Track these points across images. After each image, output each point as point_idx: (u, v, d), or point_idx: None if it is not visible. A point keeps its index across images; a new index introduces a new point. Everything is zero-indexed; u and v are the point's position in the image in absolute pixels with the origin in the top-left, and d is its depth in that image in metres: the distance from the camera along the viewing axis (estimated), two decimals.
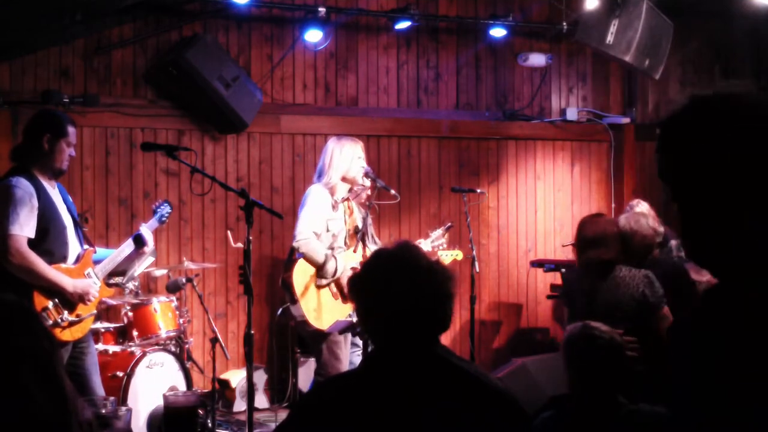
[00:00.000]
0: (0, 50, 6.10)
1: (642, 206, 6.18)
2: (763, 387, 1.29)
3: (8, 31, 5.75)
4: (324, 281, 5.01)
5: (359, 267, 5.04)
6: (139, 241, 4.63)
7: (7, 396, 1.44)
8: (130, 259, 4.78)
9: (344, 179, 5.11)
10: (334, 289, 5.07)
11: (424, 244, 5.54)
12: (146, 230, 4.67)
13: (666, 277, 4.61)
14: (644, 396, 3.22)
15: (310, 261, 4.95)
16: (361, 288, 2.27)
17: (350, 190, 5.19)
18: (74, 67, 6.56)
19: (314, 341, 5.06)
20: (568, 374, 3.14)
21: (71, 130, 4.37)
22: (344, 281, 5.00)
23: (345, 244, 5.14)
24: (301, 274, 4.98)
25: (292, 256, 5.05)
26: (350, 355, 5.45)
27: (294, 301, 4.96)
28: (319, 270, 4.98)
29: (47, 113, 4.63)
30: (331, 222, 5.05)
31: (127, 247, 4.63)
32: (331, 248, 5.05)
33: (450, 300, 2.23)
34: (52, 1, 5.57)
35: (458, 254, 5.82)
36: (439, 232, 5.66)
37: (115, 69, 6.68)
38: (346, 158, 5.09)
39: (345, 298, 5.09)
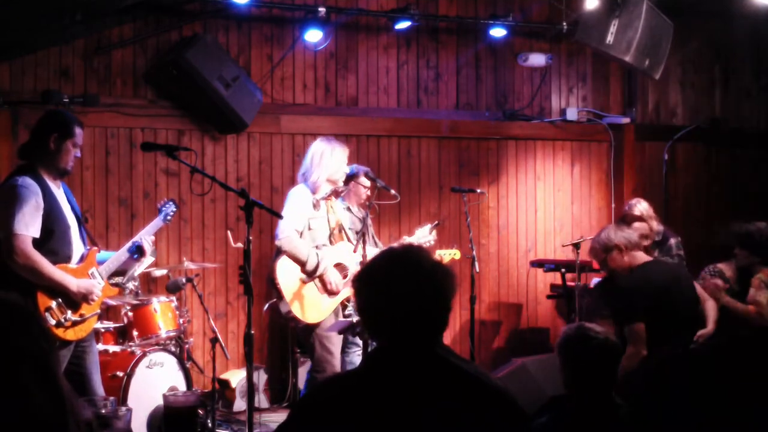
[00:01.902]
0: (0, 50, 6.10)
1: (641, 205, 6.19)
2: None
3: (8, 31, 5.75)
4: (306, 278, 5.07)
5: (347, 264, 5.11)
6: (139, 251, 4.61)
7: (5, 396, 1.44)
8: (131, 261, 4.77)
9: (329, 180, 5.20)
10: (319, 284, 5.13)
11: (410, 241, 5.55)
12: (147, 240, 4.62)
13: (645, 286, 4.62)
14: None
15: (293, 258, 5.04)
16: (364, 286, 2.28)
17: (333, 190, 5.29)
18: (74, 67, 6.56)
19: (306, 336, 5.15)
20: (564, 374, 3.14)
21: (78, 131, 4.38)
22: (328, 278, 5.07)
23: (329, 241, 5.20)
24: (285, 270, 5.05)
25: (279, 254, 5.13)
26: (350, 355, 5.48)
27: (280, 297, 5.04)
28: (302, 267, 5.05)
29: (56, 113, 4.63)
30: (312, 221, 5.13)
31: (124, 254, 4.60)
32: (315, 247, 5.12)
33: (449, 302, 2.23)
34: (52, 1, 5.57)
35: (456, 253, 5.82)
36: (426, 229, 5.67)
37: (115, 69, 6.68)
38: (336, 161, 5.19)
39: (330, 293, 5.14)
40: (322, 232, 5.17)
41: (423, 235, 5.62)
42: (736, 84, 8.79)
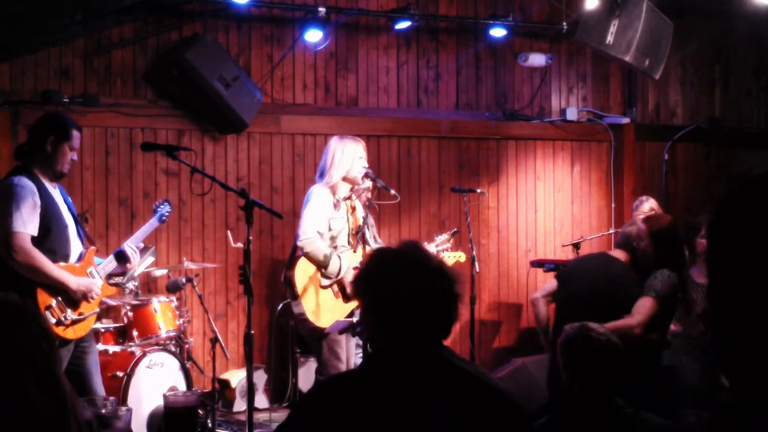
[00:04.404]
0: (0, 50, 6.10)
1: (651, 202, 6.24)
2: None
3: (8, 31, 5.75)
4: (327, 281, 5.01)
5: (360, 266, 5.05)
6: (122, 257, 4.60)
7: (5, 396, 1.44)
8: (118, 267, 4.74)
9: (345, 179, 5.11)
10: (336, 289, 5.07)
11: (429, 248, 5.53)
12: (129, 247, 4.61)
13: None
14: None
15: (314, 261, 4.95)
16: (367, 284, 2.26)
17: (352, 190, 5.20)
18: (74, 67, 6.56)
19: (314, 340, 5.06)
20: (565, 374, 3.14)
21: (75, 134, 4.39)
22: (347, 281, 5.00)
23: (348, 243, 5.13)
24: (304, 272, 4.98)
25: (295, 253, 5.05)
26: (354, 357, 5.44)
27: (295, 297, 4.96)
28: (323, 270, 4.97)
29: (54, 116, 4.65)
30: (333, 221, 5.05)
31: (110, 262, 4.61)
32: (334, 247, 5.05)
33: (456, 302, 2.22)
34: (52, 1, 5.57)
35: (461, 256, 5.80)
36: (445, 237, 5.67)
37: (115, 69, 6.68)
38: (348, 158, 5.08)
39: (346, 298, 5.09)
40: (342, 233, 5.12)
41: (441, 242, 5.62)
42: (736, 84, 8.79)
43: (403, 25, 7.30)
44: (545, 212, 8.11)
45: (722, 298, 1.21)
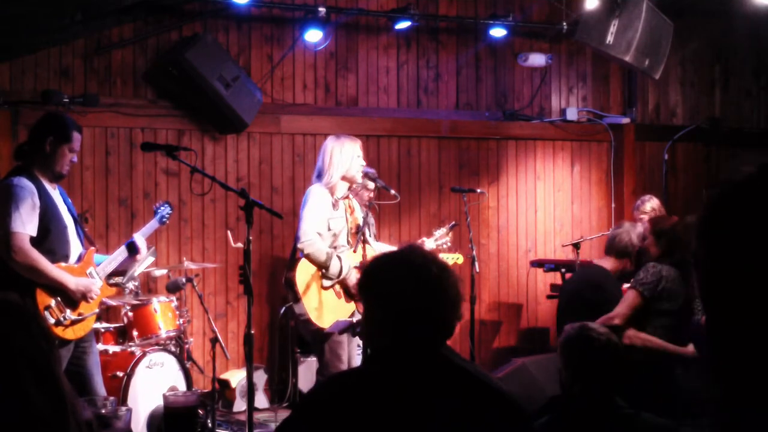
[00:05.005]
0: (0, 50, 6.10)
1: (653, 202, 6.27)
2: None
3: (8, 31, 5.75)
4: (329, 282, 5.00)
5: (361, 267, 5.07)
6: (133, 249, 4.64)
7: (5, 396, 1.44)
8: (127, 260, 4.78)
9: (344, 178, 5.10)
10: (338, 289, 5.06)
11: (428, 243, 5.52)
12: (140, 237, 4.67)
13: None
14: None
15: (315, 262, 4.94)
16: (372, 288, 2.28)
17: (349, 189, 5.20)
18: (74, 67, 6.56)
19: (316, 341, 5.05)
20: (566, 375, 3.14)
21: (76, 136, 4.37)
22: (350, 281, 4.99)
23: (348, 242, 5.13)
24: (304, 272, 4.97)
25: (295, 254, 5.04)
26: (355, 357, 5.43)
27: (297, 299, 4.95)
28: (324, 271, 4.96)
29: (54, 116, 4.63)
30: (332, 221, 5.04)
31: (121, 254, 4.63)
32: (334, 247, 5.04)
33: (458, 303, 2.25)
34: (52, 1, 5.57)
35: (459, 258, 5.80)
36: (443, 231, 5.66)
37: (115, 69, 6.68)
38: (346, 157, 5.07)
39: (349, 298, 5.08)
40: (342, 232, 5.11)
41: (440, 237, 5.61)
42: (736, 84, 8.79)
43: (403, 25, 7.30)
44: (545, 212, 8.12)
45: (717, 299, 1.21)
